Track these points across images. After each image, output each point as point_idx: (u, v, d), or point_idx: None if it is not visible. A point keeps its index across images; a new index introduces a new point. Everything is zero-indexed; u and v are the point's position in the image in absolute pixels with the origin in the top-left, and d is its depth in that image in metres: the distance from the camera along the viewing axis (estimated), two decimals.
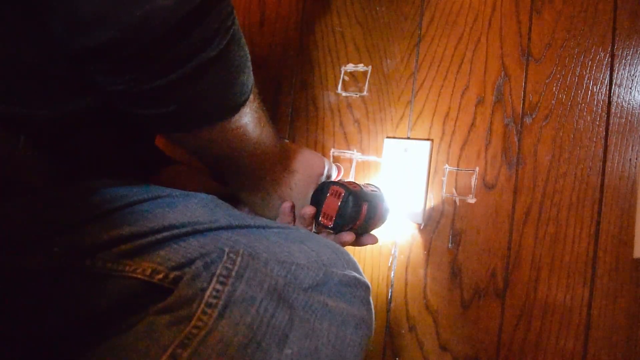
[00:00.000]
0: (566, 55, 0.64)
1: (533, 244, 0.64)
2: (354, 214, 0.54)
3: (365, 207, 0.55)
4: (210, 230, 0.44)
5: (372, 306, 0.44)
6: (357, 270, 0.46)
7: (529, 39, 0.67)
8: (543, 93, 0.65)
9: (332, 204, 0.54)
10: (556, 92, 0.65)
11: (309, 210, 0.54)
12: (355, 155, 0.75)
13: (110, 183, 0.46)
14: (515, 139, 0.66)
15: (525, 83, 0.66)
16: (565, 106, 0.64)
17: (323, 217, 0.54)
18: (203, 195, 0.48)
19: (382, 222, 0.61)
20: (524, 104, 0.66)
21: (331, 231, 0.55)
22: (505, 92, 0.67)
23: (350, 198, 0.53)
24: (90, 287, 0.40)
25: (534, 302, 0.62)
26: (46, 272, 0.40)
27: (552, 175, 0.64)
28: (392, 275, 0.71)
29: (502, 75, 0.67)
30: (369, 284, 0.45)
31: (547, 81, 0.65)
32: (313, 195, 0.56)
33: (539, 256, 0.63)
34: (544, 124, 0.65)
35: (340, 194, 0.53)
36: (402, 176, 0.70)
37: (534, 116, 0.65)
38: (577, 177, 0.62)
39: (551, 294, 0.62)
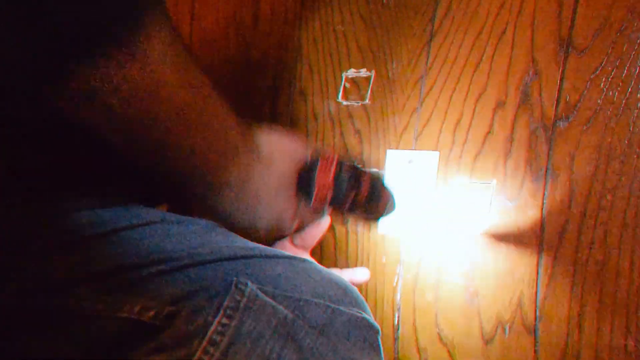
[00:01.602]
0: (624, 41, 0.53)
1: (572, 271, 0.54)
2: (351, 184, 0.46)
3: (365, 177, 0.47)
4: (211, 261, 0.39)
5: (382, 351, 0.41)
6: (365, 310, 0.42)
7: (572, 24, 0.56)
8: (585, 91, 0.54)
9: (323, 180, 0.45)
10: (605, 89, 0.54)
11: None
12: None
13: (93, 204, 0.40)
14: (545, 147, 0.56)
15: (561, 80, 0.56)
16: (617, 106, 0.53)
17: (316, 200, 0.46)
18: (202, 221, 0.43)
19: (391, 207, 0.50)
20: (557, 105, 0.56)
21: (340, 210, 0.47)
22: (534, 93, 0.57)
23: (343, 166, 0.45)
24: (61, 330, 0.35)
25: (580, 344, 0.54)
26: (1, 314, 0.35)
27: (595, 190, 0.54)
28: (397, 297, 0.65)
29: (530, 74, 0.57)
30: (379, 327, 0.42)
31: (592, 76, 0.54)
32: (299, 184, 0.46)
33: (581, 287, 0.54)
34: (584, 128, 0.54)
35: (329, 166, 0.45)
36: (407, 189, 0.64)
37: (570, 119, 0.55)
38: (634, 191, 0.52)
39: (603, 337, 0.52)
